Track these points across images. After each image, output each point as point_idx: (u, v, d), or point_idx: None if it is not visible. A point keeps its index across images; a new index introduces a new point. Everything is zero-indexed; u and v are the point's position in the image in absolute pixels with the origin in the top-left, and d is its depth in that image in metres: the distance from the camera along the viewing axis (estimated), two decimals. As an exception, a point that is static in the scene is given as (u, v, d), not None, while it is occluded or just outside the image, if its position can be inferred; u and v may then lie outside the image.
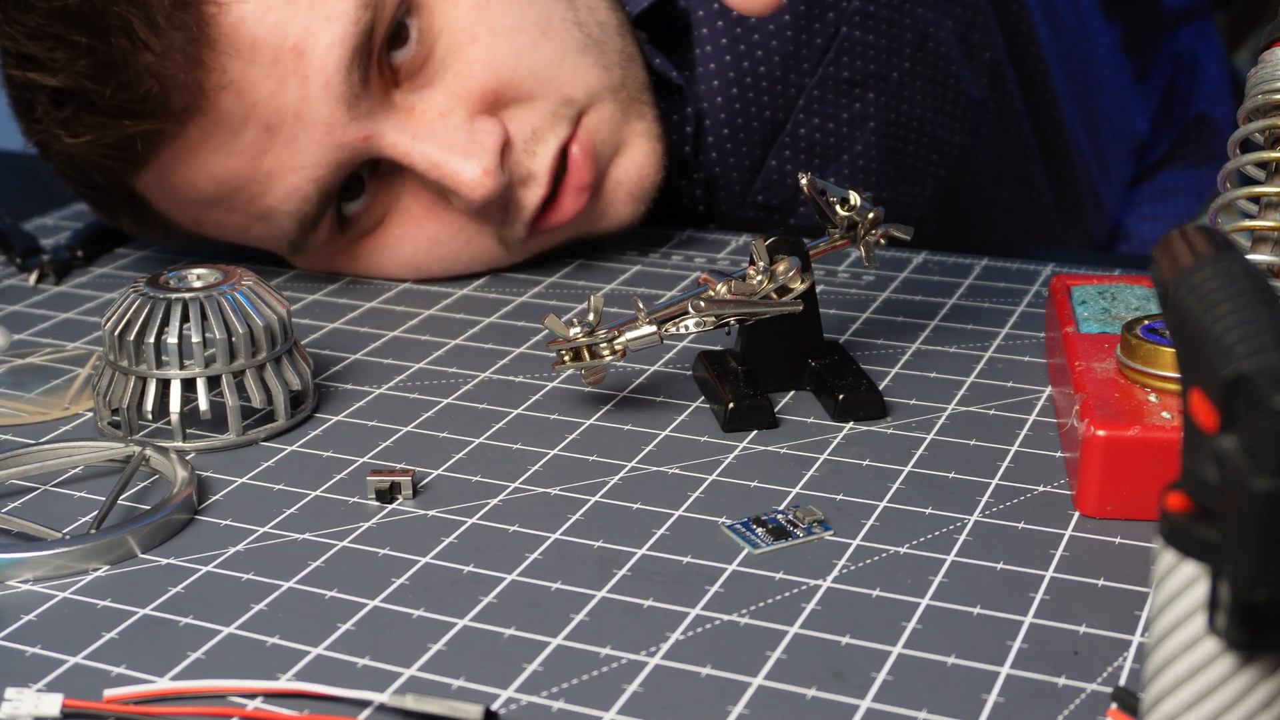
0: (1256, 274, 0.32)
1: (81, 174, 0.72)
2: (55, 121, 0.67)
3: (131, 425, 0.60)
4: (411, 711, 0.42)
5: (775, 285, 0.60)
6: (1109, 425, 0.52)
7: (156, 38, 0.65)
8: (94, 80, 0.65)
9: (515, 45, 0.72)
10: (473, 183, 0.69)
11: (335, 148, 0.69)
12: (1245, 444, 0.30)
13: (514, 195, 0.73)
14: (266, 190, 0.70)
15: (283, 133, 0.68)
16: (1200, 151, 1.14)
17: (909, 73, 0.87)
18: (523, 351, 0.68)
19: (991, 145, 0.93)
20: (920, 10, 0.86)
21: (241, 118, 0.67)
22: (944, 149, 0.90)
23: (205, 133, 0.68)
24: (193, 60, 0.65)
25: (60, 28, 0.65)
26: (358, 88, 0.68)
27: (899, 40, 0.85)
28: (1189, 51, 1.16)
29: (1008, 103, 0.93)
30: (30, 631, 0.47)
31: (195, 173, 0.70)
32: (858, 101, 0.86)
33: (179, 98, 0.66)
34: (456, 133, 0.70)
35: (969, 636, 0.45)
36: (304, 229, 0.72)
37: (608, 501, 0.54)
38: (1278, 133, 0.54)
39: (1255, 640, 0.31)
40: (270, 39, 0.66)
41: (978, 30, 0.89)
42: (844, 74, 0.85)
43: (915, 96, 0.87)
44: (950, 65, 0.88)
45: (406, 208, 0.74)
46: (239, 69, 0.66)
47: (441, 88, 0.71)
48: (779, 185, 0.87)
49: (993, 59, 0.90)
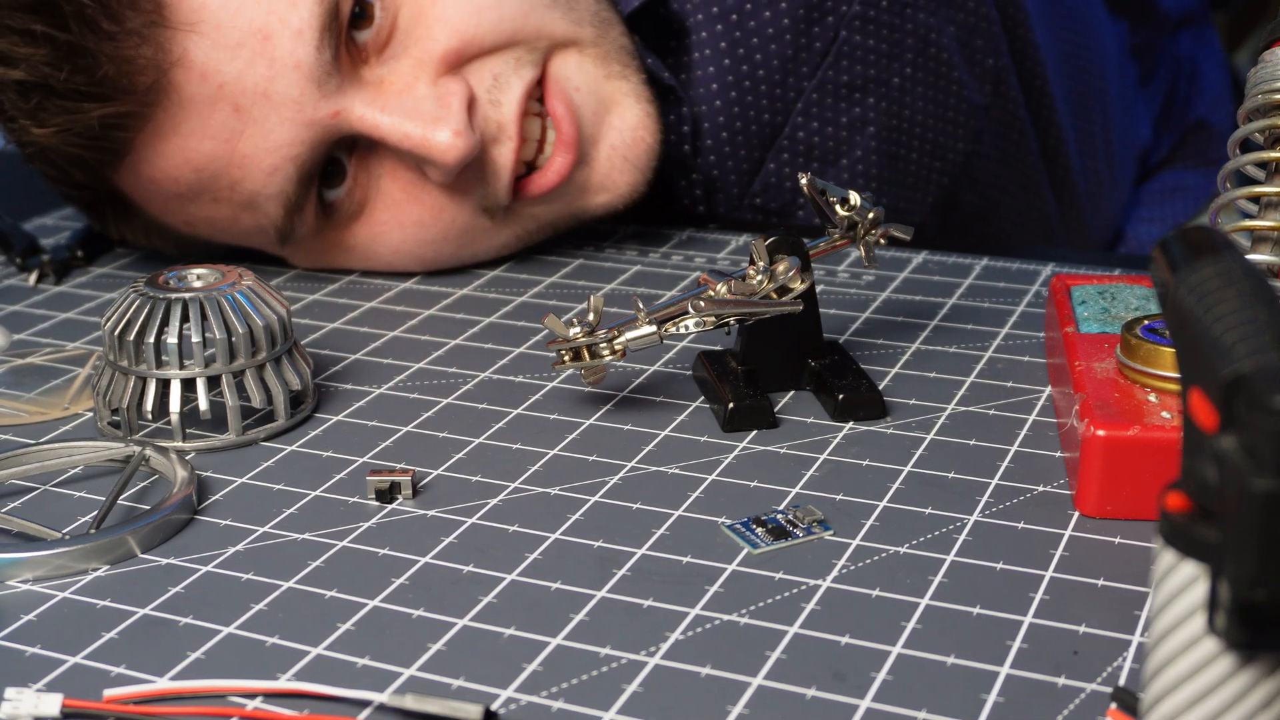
0: (1256, 274, 0.32)
1: (61, 172, 0.73)
2: (23, 114, 0.68)
3: (131, 425, 0.60)
4: (411, 711, 0.42)
5: (775, 285, 0.60)
6: (1109, 425, 0.52)
7: (112, 21, 0.65)
8: (53, 67, 0.66)
9: (476, 3, 0.72)
10: (444, 146, 0.69)
11: (306, 125, 0.69)
12: (1245, 444, 0.30)
13: (488, 156, 0.73)
14: (245, 174, 0.70)
15: (253, 114, 0.68)
16: (1199, 155, 1.14)
17: (910, 78, 0.86)
18: (523, 351, 0.68)
19: (995, 153, 0.93)
20: (922, 16, 0.86)
21: (209, 100, 0.68)
22: (946, 156, 0.90)
23: (172, 116, 0.68)
24: (151, 42, 0.66)
25: (20, 20, 0.66)
26: (329, 65, 0.69)
27: (900, 45, 0.85)
28: (1189, 57, 1.16)
29: (1011, 110, 0.93)
30: (30, 631, 0.47)
31: (169, 161, 0.70)
32: (857, 106, 0.85)
33: (140, 80, 0.67)
34: (424, 101, 0.70)
35: (969, 636, 0.45)
36: (289, 213, 0.72)
37: (608, 501, 0.54)
38: (1278, 133, 0.54)
39: (1255, 640, 0.31)
40: (234, 21, 0.67)
41: (980, 36, 0.89)
42: (843, 78, 0.84)
43: (917, 103, 0.87)
44: (952, 71, 0.88)
45: (386, 191, 0.74)
46: (203, 51, 0.67)
47: (407, 57, 0.71)
48: (777, 188, 0.86)
49: (996, 65, 0.90)
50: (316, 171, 0.72)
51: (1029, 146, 0.95)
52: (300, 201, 0.72)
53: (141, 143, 0.69)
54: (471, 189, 0.74)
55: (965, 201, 0.93)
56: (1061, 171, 0.98)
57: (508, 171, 0.73)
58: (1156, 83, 1.14)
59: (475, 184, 0.74)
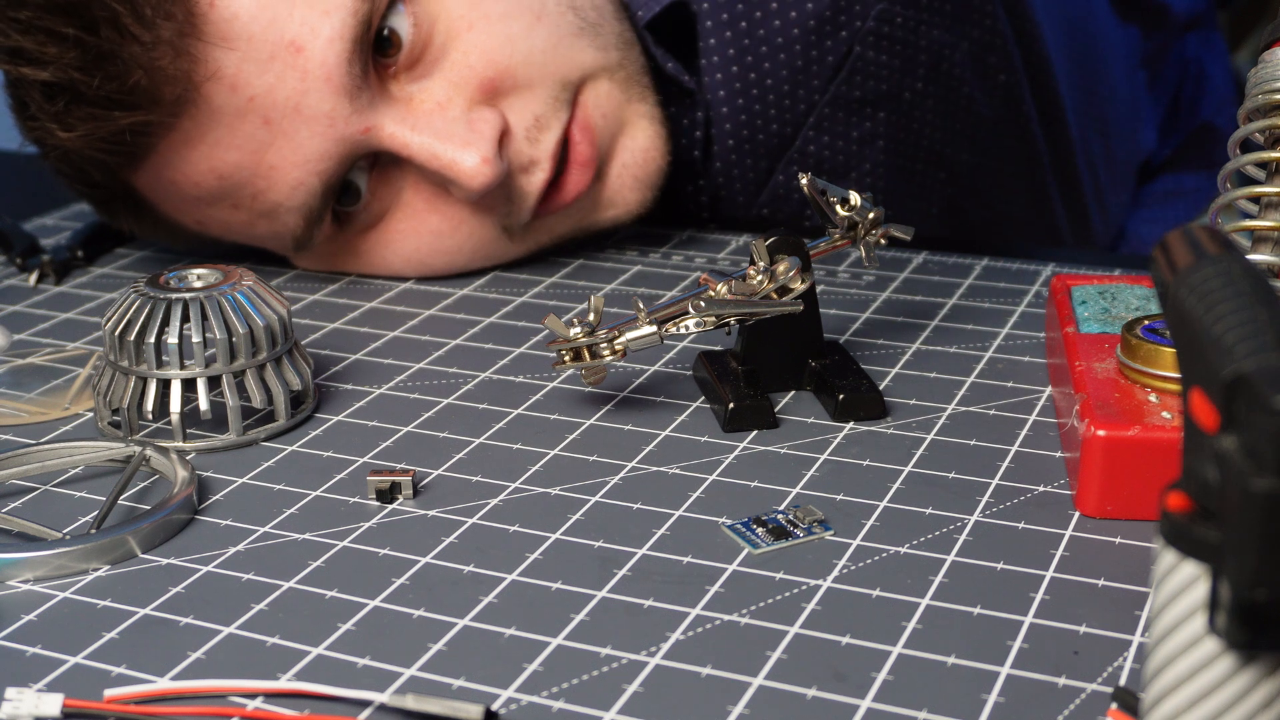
0: (1256, 274, 0.32)
1: (79, 172, 0.72)
2: (48, 116, 0.68)
3: (132, 425, 0.60)
4: (411, 711, 0.42)
5: (775, 285, 0.60)
6: (1109, 425, 0.52)
7: (144, 29, 0.65)
8: (83, 72, 0.66)
9: (510, 31, 0.72)
10: (471, 171, 0.70)
11: (337, 140, 0.69)
12: (1245, 444, 0.30)
13: (515, 183, 0.73)
14: (270, 185, 0.70)
15: (283, 126, 0.68)
16: (1203, 158, 1.14)
17: (920, 93, 0.86)
18: (523, 351, 0.68)
19: (1004, 165, 0.93)
20: (936, 33, 0.85)
21: (238, 111, 0.68)
22: (952, 167, 0.90)
23: (200, 126, 0.68)
24: (182, 52, 0.66)
25: (51, 21, 0.65)
26: (359, 79, 0.69)
27: (913, 61, 0.85)
28: (1196, 60, 1.16)
29: (1022, 124, 0.92)
30: (30, 631, 0.47)
31: (194, 168, 0.70)
32: (868, 120, 0.85)
33: (169, 90, 0.66)
34: (455, 124, 0.70)
35: (969, 636, 0.45)
36: (309, 224, 0.73)
37: (608, 501, 0.54)
38: (1278, 133, 0.54)
39: (1255, 640, 0.31)
40: (266, 34, 0.67)
41: (994, 52, 0.88)
42: (855, 93, 0.84)
43: (925, 116, 0.87)
44: (963, 87, 0.87)
45: (408, 202, 0.74)
46: (233, 62, 0.67)
47: (439, 77, 0.71)
48: (785, 199, 0.87)
49: (1008, 81, 0.90)
50: (339, 185, 0.72)
51: (1040, 159, 0.95)
52: (321, 213, 0.73)
53: (166, 148, 0.69)
54: (496, 208, 0.74)
55: (972, 212, 0.93)
56: (1071, 180, 0.98)
57: (534, 197, 0.74)
58: (1162, 85, 1.14)
59: (500, 204, 0.74)
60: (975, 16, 0.87)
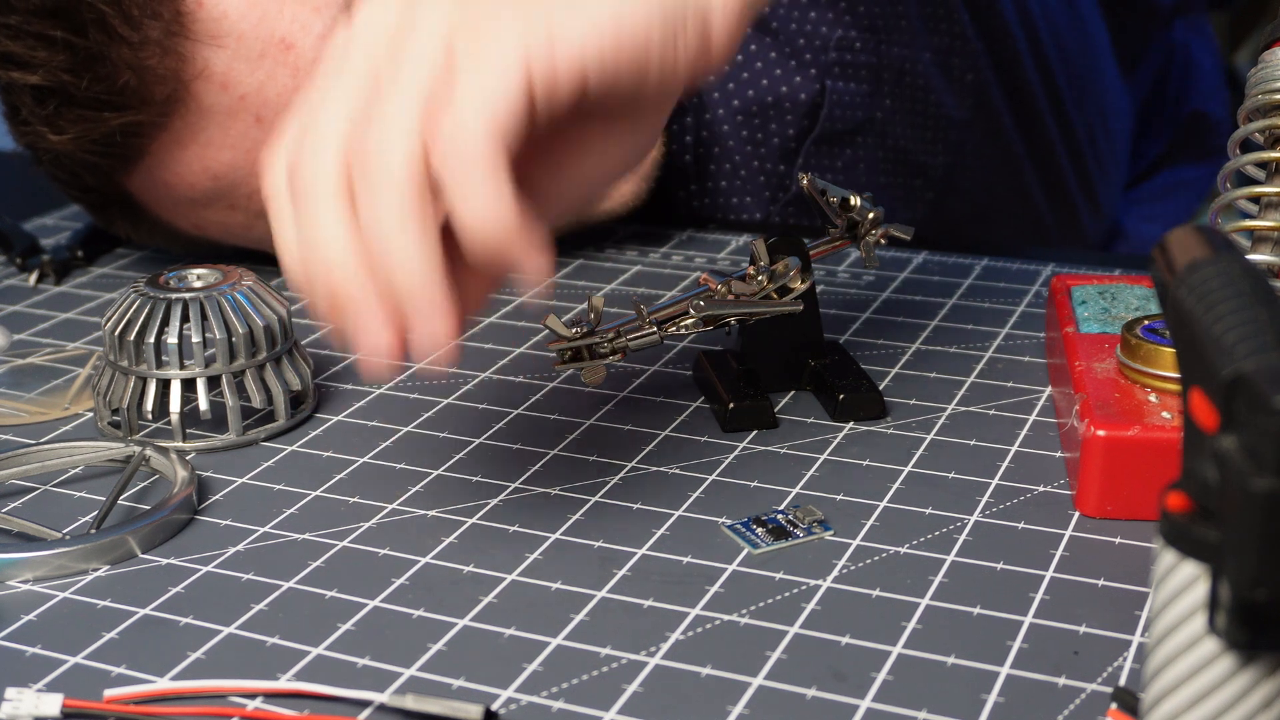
0: (1256, 274, 0.32)
1: (72, 176, 0.72)
2: (39, 120, 0.68)
3: (131, 425, 0.60)
4: (411, 711, 0.42)
5: (775, 285, 0.60)
6: (1109, 425, 0.52)
7: (131, 29, 0.65)
8: (72, 74, 0.66)
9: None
10: None
11: None
12: (1245, 444, 0.30)
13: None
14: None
15: (275, 124, 0.68)
16: (1198, 148, 1.14)
17: (891, 109, 0.87)
18: (523, 351, 0.68)
19: (979, 161, 0.93)
20: (896, 49, 0.86)
21: (229, 110, 0.68)
22: (928, 172, 0.90)
23: (191, 125, 0.68)
24: (170, 51, 0.66)
25: (39, 25, 0.65)
26: None
27: (879, 80, 0.86)
28: (1182, 44, 1.16)
29: (995, 119, 0.93)
30: (30, 631, 0.47)
31: (187, 168, 0.70)
32: (848, 148, 0.86)
33: (159, 89, 0.66)
34: None
35: (969, 636, 0.45)
36: None
37: (608, 501, 0.54)
38: (1278, 133, 0.54)
39: (1255, 640, 0.31)
40: (256, 31, 0.67)
41: (958, 55, 0.89)
42: (838, 127, 0.85)
43: (898, 129, 0.88)
44: (930, 94, 0.88)
45: None
46: (223, 61, 0.67)
47: None
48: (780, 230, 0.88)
49: (976, 80, 0.91)
50: None
51: (1015, 152, 0.95)
52: None
53: (158, 149, 0.69)
54: None
55: (954, 210, 0.93)
56: (1054, 172, 0.98)
57: None
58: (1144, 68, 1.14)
59: None
60: (935, 24, 0.87)
